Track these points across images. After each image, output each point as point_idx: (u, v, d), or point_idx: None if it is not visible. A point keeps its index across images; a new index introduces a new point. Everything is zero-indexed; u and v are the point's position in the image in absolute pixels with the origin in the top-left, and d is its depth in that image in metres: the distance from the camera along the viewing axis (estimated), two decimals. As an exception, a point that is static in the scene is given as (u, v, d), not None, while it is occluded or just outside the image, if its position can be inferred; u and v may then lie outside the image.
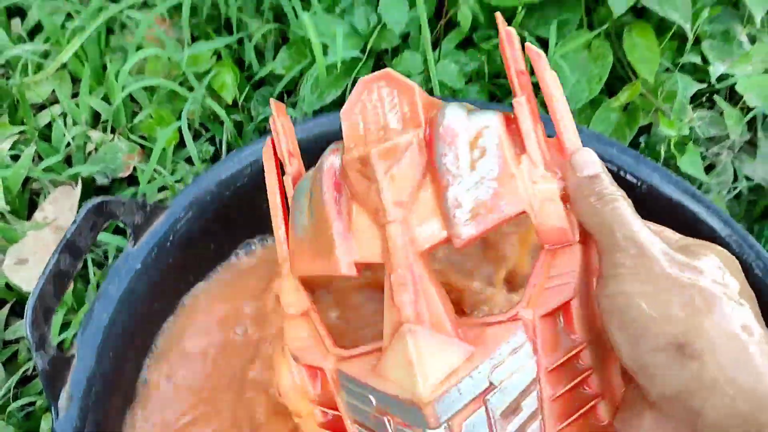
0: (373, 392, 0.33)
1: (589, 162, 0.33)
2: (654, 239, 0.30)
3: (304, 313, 0.38)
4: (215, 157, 0.71)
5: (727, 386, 0.26)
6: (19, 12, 0.82)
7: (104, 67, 0.76)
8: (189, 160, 0.70)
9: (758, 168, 0.72)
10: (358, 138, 0.36)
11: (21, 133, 0.71)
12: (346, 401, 0.35)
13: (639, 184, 0.49)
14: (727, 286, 0.29)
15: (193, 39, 0.74)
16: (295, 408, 0.39)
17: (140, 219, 0.48)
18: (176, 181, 0.67)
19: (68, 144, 0.71)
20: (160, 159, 0.67)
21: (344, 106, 0.37)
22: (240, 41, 0.74)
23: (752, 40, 0.74)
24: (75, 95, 0.76)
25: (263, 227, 0.54)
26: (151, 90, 0.73)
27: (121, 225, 0.48)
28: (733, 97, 0.73)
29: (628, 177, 0.49)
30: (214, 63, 0.71)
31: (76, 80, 0.76)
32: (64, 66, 0.74)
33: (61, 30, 0.76)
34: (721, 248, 0.31)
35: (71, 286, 0.56)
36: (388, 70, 0.37)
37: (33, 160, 0.69)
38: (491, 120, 0.35)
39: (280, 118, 0.42)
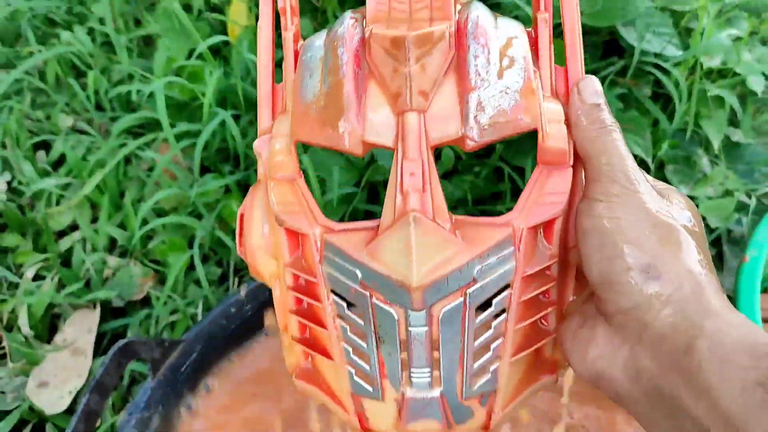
0: (362, 268, 0.33)
1: (595, 90, 0.35)
2: (641, 177, 0.33)
3: (291, 180, 0.36)
4: (222, 279, 0.77)
5: (677, 302, 0.29)
6: (44, 145, 0.90)
7: (121, 194, 0.83)
8: (198, 282, 0.76)
9: (725, 281, 0.78)
10: (382, 15, 0.35)
11: (44, 260, 0.77)
12: (327, 272, 0.35)
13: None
14: (693, 229, 0.33)
15: (204, 168, 0.81)
16: (259, 267, 0.38)
17: (158, 354, 0.53)
18: (187, 304, 0.73)
19: (87, 269, 0.77)
20: (173, 284, 0.73)
21: None
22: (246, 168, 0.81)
23: (712, 164, 0.81)
24: (94, 220, 0.82)
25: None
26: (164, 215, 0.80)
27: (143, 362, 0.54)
28: (698, 215, 0.80)
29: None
30: (222, 194, 0.78)
31: (94, 206, 0.83)
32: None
33: (83, 162, 0.84)
34: (688, 197, 0.36)
35: (99, 422, 0.60)
36: None
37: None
38: (519, 30, 0.36)
39: None
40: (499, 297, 0.34)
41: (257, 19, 0.40)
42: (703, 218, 0.78)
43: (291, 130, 0.36)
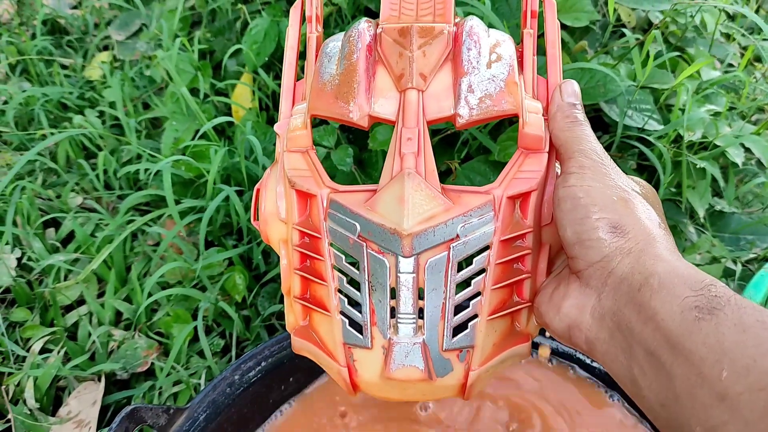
0: (360, 219, 0.38)
1: (574, 91, 0.42)
2: (609, 159, 0.39)
3: (304, 151, 0.42)
4: (225, 350, 0.79)
5: (636, 253, 0.34)
6: (54, 222, 0.93)
7: (128, 269, 0.85)
8: (201, 353, 0.78)
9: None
10: (393, 18, 0.44)
11: (51, 334, 0.79)
12: (330, 227, 0.39)
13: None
14: (653, 200, 0.39)
15: (208, 243, 0.84)
16: (270, 231, 0.43)
17: (164, 421, 0.54)
18: (190, 375, 0.75)
19: (93, 341, 0.79)
20: (176, 356, 0.75)
21: None
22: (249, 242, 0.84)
23: (699, 232, 0.84)
24: (100, 294, 0.85)
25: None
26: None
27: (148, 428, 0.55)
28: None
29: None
30: (225, 267, 0.81)
31: (101, 280, 0.85)
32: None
33: (91, 239, 0.87)
34: (648, 183, 0.41)
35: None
36: None
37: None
38: (507, 37, 0.43)
39: None
40: (479, 257, 0.39)
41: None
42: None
43: (308, 105, 0.42)
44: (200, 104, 0.93)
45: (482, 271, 0.39)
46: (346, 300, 0.40)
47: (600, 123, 0.83)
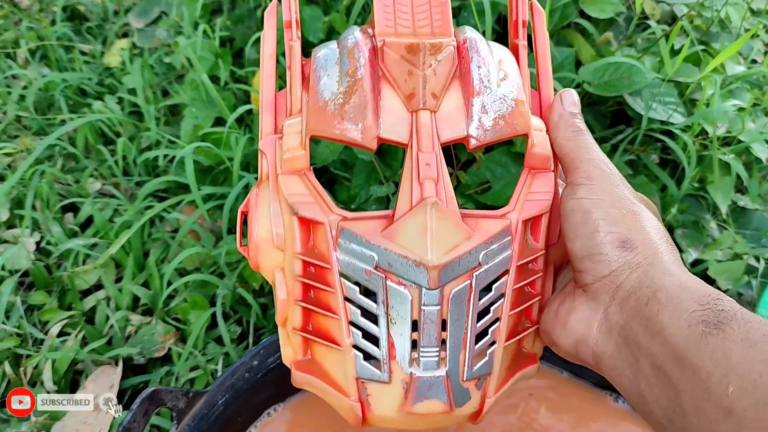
0: (378, 250, 0.36)
1: (574, 101, 0.41)
2: (616, 169, 0.38)
3: (301, 173, 0.39)
4: (242, 337, 0.79)
5: (644, 267, 0.34)
6: (73, 207, 0.93)
7: (145, 255, 0.85)
8: (218, 340, 0.78)
9: (738, 343, 0.79)
10: (389, 30, 0.40)
11: (69, 317, 0.79)
12: (341, 257, 0.37)
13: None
14: (656, 215, 0.38)
15: (226, 230, 0.84)
16: (262, 259, 0.40)
17: (183, 404, 0.54)
18: (207, 361, 0.74)
19: (111, 326, 0.79)
20: (194, 341, 0.75)
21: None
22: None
23: (721, 228, 0.83)
24: (118, 280, 0.85)
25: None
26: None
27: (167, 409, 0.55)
28: (709, 278, 0.81)
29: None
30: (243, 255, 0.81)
31: (119, 265, 0.86)
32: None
33: (110, 224, 0.87)
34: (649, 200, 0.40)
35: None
36: None
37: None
38: (507, 51, 0.42)
39: None
40: (497, 283, 0.38)
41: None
42: (714, 280, 0.80)
43: (307, 126, 0.39)
44: (220, 91, 0.93)
45: (500, 296, 0.38)
46: (360, 333, 0.37)
47: (623, 116, 0.83)
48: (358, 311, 0.37)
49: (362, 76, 0.38)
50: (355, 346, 0.37)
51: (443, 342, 0.37)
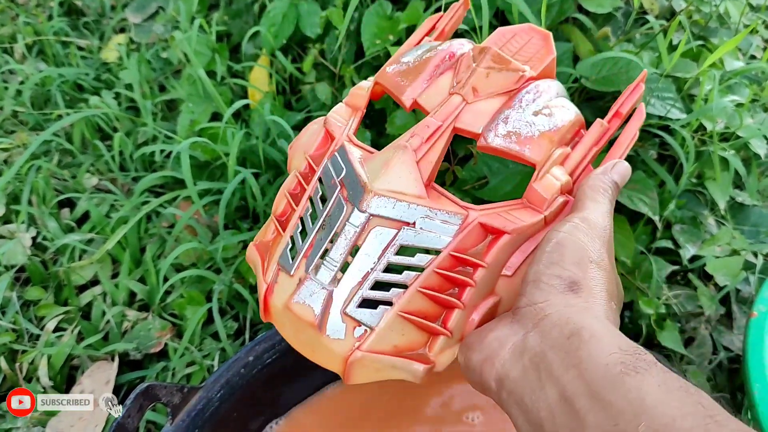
0: (348, 167, 0.40)
1: (623, 173, 0.44)
2: (612, 236, 0.40)
3: (355, 107, 0.47)
4: (238, 333, 0.79)
5: (579, 308, 0.35)
6: (69, 203, 0.93)
7: (142, 250, 0.85)
8: (214, 335, 0.78)
9: (736, 339, 0.79)
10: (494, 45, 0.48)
11: (65, 313, 0.79)
12: (326, 165, 0.42)
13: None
14: (617, 288, 0.39)
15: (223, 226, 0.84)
16: (293, 158, 0.47)
17: (178, 399, 0.54)
18: (204, 357, 0.74)
19: (107, 321, 0.79)
20: (190, 337, 0.74)
21: (503, 29, 0.51)
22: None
23: (719, 224, 0.82)
24: (114, 276, 0.84)
25: (280, 409, 0.61)
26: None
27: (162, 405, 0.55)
28: (707, 274, 0.81)
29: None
30: (240, 250, 0.81)
31: (115, 261, 0.85)
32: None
33: (106, 219, 0.87)
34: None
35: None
36: (546, 32, 0.50)
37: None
38: (572, 106, 0.45)
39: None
40: (423, 255, 0.39)
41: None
42: (711, 276, 0.80)
43: (377, 75, 0.48)
44: (217, 86, 0.93)
45: (419, 270, 0.39)
46: (300, 227, 0.41)
47: (621, 111, 0.82)
48: (310, 210, 0.42)
49: (435, 54, 0.46)
50: (292, 238, 0.41)
51: (346, 265, 0.39)
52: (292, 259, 0.40)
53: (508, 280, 0.41)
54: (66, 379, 0.76)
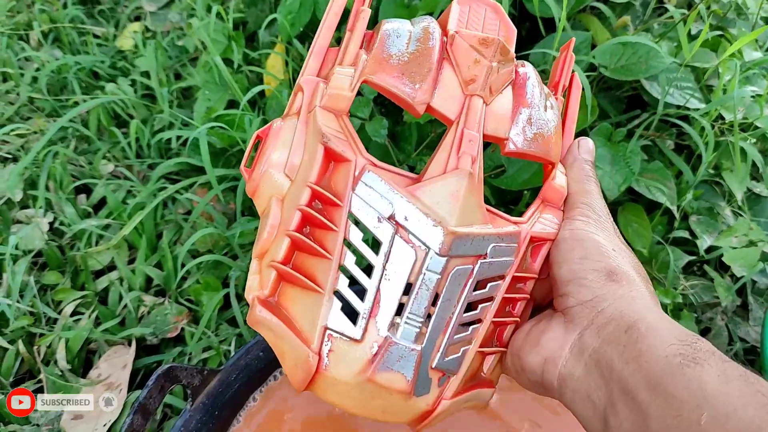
0: (401, 201, 0.35)
1: (589, 149, 0.44)
2: (610, 216, 0.41)
3: (339, 113, 0.39)
4: (254, 319, 0.79)
5: (628, 299, 0.35)
6: (86, 189, 0.93)
7: (158, 236, 0.86)
8: (230, 321, 0.78)
9: (752, 331, 0.79)
10: (459, 27, 0.42)
11: (82, 297, 0.80)
12: (356, 198, 0.36)
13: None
14: (644, 270, 0.39)
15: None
16: (265, 183, 0.39)
17: (198, 381, 0.54)
18: (220, 342, 0.75)
19: (124, 306, 0.79)
20: (207, 322, 0.75)
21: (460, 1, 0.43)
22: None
23: (735, 215, 0.82)
24: (131, 261, 0.85)
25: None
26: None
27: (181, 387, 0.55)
28: (723, 265, 0.81)
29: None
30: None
31: (132, 247, 0.86)
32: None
33: (122, 205, 0.87)
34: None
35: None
36: (497, 4, 0.44)
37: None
38: (551, 92, 0.44)
39: None
40: (493, 283, 0.38)
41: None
42: (728, 267, 0.79)
43: (363, 70, 0.39)
44: (233, 74, 0.93)
45: (490, 299, 0.38)
46: (347, 281, 0.35)
47: (638, 100, 0.82)
48: (354, 258, 0.35)
49: (432, 46, 0.39)
50: (337, 293, 0.35)
51: (428, 317, 0.35)
52: (352, 320, 0.35)
53: (538, 282, 0.41)
54: (83, 362, 0.76)
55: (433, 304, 0.35)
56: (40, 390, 0.73)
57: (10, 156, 0.99)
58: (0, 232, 0.87)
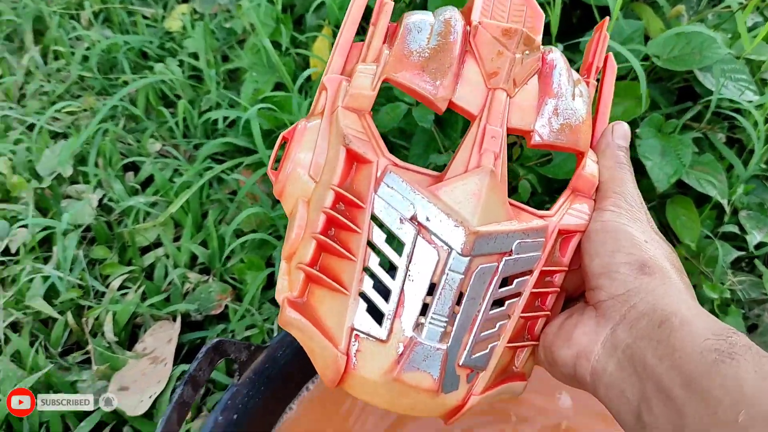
0: (422, 201, 0.35)
1: (624, 134, 0.42)
2: (644, 205, 0.40)
3: (361, 112, 0.38)
4: (296, 300, 0.80)
5: (661, 293, 0.34)
6: (133, 167, 0.95)
7: (203, 215, 0.87)
8: (273, 300, 0.79)
9: (801, 332, 0.77)
10: (483, 17, 0.40)
11: (129, 272, 0.81)
12: (378, 200, 0.36)
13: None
14: (678, 261, 0.38)
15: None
16: (291, 185, 0.39)
17: (245, 357, 0.55)
18: (264, 320, 0.76)
19: (169, 282, 0.80)
20: (250, 300, 0.76)
21: None
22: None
23: (787, 211, 0.81)
24: (176, 239, 0.86)
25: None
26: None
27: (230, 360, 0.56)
28: (772, 262, 0.79)
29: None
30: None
31: (178, 225, 0.87)
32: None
33: (169, 183, 0.88)
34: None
35: (189, 414, 0.62)
36: None
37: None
38: (582, 78, 0.42)
39: None
40: (519, 279, 0.37)
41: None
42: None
43: (383, 69, 0.39)
44: (281, 56, 0.94)
45: (517, 294, 0.38)
46: (372, 282, 0.36)
47: (690, 92, 0.81)
48: (378, 259, 0.36)
49: (453, 40, 0.39)
50: (362, 295, 0.35)
51: (453, 316, 0.36)
52: (377, 321, 0.35)
53: (570, 274, 0.40)
54: (129, 335, 0.78)
55: (458, 303, 0.36)
56: (88, 361, 0.74)
57: (60, 132, 1.01)
58: (51, 206, 0.89)
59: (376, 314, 0.35)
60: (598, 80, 0.45)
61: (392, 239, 0.36)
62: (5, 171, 0.94)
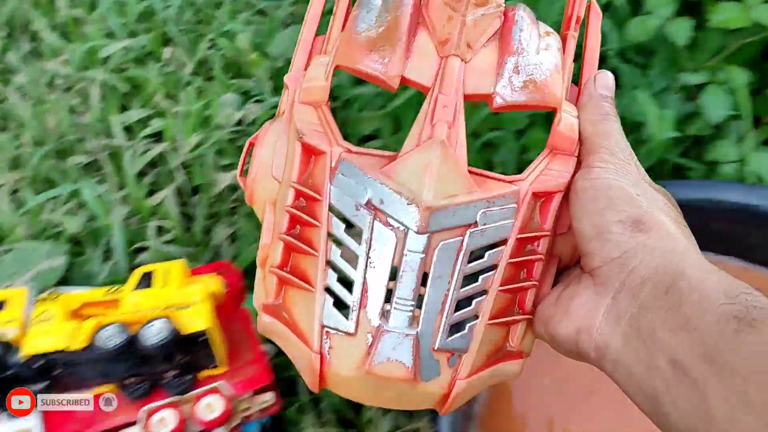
0: (373, 184, 0.33)
1: (608, 84, 0.38)
2: (633, 155, 0.36)
3: (317, 105, 0.37)
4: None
5: (661, 252, 0.31)
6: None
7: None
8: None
9: None
10: None
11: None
12: (334, 190, 0.34)
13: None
14: (673, 206, 0.35)
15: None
16: (258, 189, 0.38)
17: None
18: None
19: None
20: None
21: None
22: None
23: None
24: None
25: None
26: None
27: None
28: None
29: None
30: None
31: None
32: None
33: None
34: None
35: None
36: None
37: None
38: (555, 33, 0.39)
39: None
40: (491, 251, 0.34)
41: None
42: None
43: (334, 56, 0.37)
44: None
45: (492, 268, 0.35)
46: (336, 276, 0.34)
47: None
48: (339, 251, 0.34)
49: (402, 14, 0.37)
50: (327, 289, 0.34)
51: (421, 299, 0.34)
52: (344, 314, 0.34)
53: (562, 237, 0.38)
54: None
55: (423, 284, 0.34)
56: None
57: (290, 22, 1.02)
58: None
59: (343, 308, 0.34)
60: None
61: (352, 228, 0.35)
62: (245, 47, 0.96)
